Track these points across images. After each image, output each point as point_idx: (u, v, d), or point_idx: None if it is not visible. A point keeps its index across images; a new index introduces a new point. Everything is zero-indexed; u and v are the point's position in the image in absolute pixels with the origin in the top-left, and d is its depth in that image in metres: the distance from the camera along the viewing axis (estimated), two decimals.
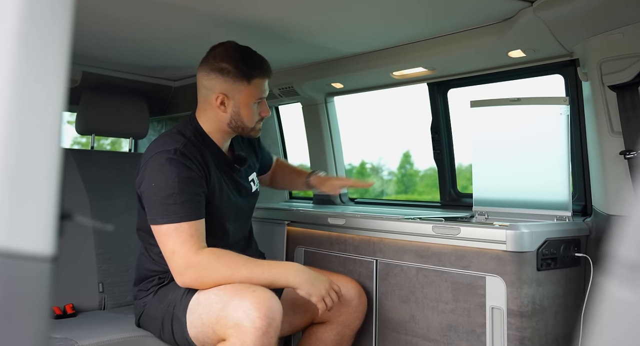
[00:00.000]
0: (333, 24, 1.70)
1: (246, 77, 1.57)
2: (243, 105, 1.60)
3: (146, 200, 1.54)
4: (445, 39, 1.77)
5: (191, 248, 1.46)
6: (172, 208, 1.47)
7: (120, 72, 2.45)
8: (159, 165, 1.50)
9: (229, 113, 1.61)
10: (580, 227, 1.62)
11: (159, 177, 1.50)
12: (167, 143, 1.55)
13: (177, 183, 1.48)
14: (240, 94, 1.59)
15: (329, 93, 2.47)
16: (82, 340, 1.54)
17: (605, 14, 1.40)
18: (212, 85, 1.59)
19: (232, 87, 1.58)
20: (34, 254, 0.44)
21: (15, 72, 0.46)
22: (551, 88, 1.92)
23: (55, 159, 0.47)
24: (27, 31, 0.46)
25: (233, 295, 1.39)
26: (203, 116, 1.66)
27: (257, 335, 1.32)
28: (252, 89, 1.59)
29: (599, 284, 0.34)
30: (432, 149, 2.21)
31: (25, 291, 0.45)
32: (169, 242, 1.47)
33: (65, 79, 0.49)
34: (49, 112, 0.48)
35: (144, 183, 1.54)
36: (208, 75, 1.60)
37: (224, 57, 1.58)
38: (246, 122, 1.63)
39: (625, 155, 1.45)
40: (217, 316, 1.39)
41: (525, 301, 1.43)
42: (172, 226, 1.47)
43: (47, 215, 0.45)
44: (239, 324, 1.33)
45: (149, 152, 1.57)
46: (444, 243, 1.59)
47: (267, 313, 1.34)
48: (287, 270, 1.51)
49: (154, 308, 1.61)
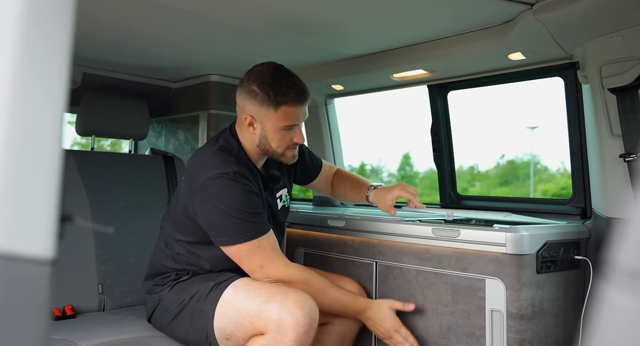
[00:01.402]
0: (333, 25, 1.70)
1: (273, 104, 1.53)
2: (270, 130, 1.57)
3: (212, 224, 1.52)
4: (446, 41, 1.77)
5: (280, 261, 1.54)
6: (250, 225, 1.50)
7: (121, 73, 2.45)
8: (223, 189, 1.49)
9: (258, 136, 1.59)
10: (580, 229, 1.62)
11: (227, 200, 1.48)
12: (221, 165, 1.52)
13: (247, 201, 1.50)
14: (267, 120, 1.56)
15: (329, 95, 2.47)
16: (82, 341, 1.54)
17: (605, 17, 1.40)
18: (243, 105, 1.58)
19: (259, 110, 1.55)
20: (34, 257, 0.44)
21: (17, 74, 0.46)
22: (551, 91, 1.93)
23: (56, 161, 0.47)
24: (28, 33, 0.46)
25: (276, 292, 1.42)
26: (240, 132, 1.65)
27: (300, 332, 1.35)
28: (279, 116, 1.54)
29: (599, 288, 0.34)
30: (432, 151, 2.21)
31: (25, 294, 0.44)
32: (254, 259, 1.51)
33: (67, 81, 0.50)
34: (50, 114, 0.48)
35: (202, 207, 1.52)
36: (241, 94, 1.59)
37: (255, 79, 1.55)
38: (274, 146, 1.60)
39: (625, 158, 1.45)
40: (257, 309, 1.40)
41: (525, 304, 1.43)
42: (254, 243, 1.50)
43: (47, 218, 0.46)
44: (282, 319, 1.36)
45: (199, 174, 1.53)
46: (444, 245, 1.59)
47: (310, 313, 1.38)
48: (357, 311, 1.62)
49: (170, 301, 1.61)
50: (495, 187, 23.58)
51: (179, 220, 1.63)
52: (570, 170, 1.82)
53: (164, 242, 1.70)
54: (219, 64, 2.30)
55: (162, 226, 1.73)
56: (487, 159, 31.96)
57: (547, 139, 26.14)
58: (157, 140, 2.80)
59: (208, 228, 1.54)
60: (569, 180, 1.89)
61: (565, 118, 1.82)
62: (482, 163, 26.71)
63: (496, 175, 24.97)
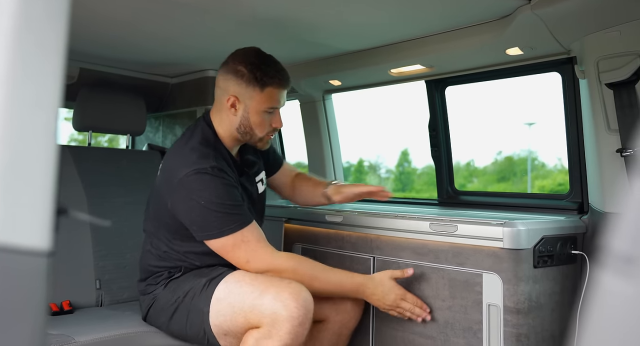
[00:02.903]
0: (331, 21, 1.70)
1: (259, 84, 1.55)
2: (253, 112, 1.58)
3: (194, 220, 1.52)
4: (443, 36, 1.77)
5: (266, 252, 1.52)
6: (232, 218, 1.50)
7: (118, 68, 2.44)
8: (202, 184, 1.49)
9: (239, 117, 1.59)
10: (577, 224, 1.62)
11: (207, 194, 1.48)
12: (198, 160, 1.52)
13: (227, 194, 1.50)
14: (251, 100, 1.57)
15: (326, 90, 2.47)
16: (79, 336, 1.54)
17: (602, 11, 1.40)
18: (226, 86, 1.58)
19: (244, 91, 1.56)
20: (30, 249, 0.44)
21: (12, 69, 0.46)
22: (548, 87, 1.93)
23: (51, 154, 0.47)
24: (23, 28, 0.46)
25: (269, 286, 1.41)
26: (217, 117, 1.64)
27: (294, 324, 1.35)
28: (264, 97, 1.57)
29: (595, 280, 0.34)
30: (430, 147, 2.21)
31: (22, 287, 0.45)
32: (239, 252, 1.51)
33: (62, 76, 0.49)
34: (45, 108, 0.48)
35: (183, 203, 1.51)
36: (224, 75, 1.59)
37: (242, 60, 1.57)
38: (255, 130, 1.61)
39: (621, 153, 1.46)
40: (252, 305, 1.40)
41: (522, 298, 1.44)
42: (238, 236, 1.49)
43: (43, 210, 0.45)
44: (276, 312, 1.36)
45: (177, 170, 1.52)
46: (441, 240, 1.59)
47: (304, 304, 1.37)
48: (356, 288, 1.58)
49: (165, 299, 1.61)
50: (492, 183, 23.64)
51: (160, 219, 1.62)
52: (567, 165, 1.82)
53: (149, 243, 1.68)
54: (217, 60, 2.28)
55: (145, 228, 1.72)
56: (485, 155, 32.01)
57: (544, 135, 26.20)
58: (155, 136, 2.80)
59: (190, 224, 1.53)
60: (565, 176, 1.89)
61: (563, 113, 1.83)
62: (480, 159, 26.78)
63: (493, 171, 25.03)
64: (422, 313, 1.58)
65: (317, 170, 2.58)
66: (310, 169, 2.62)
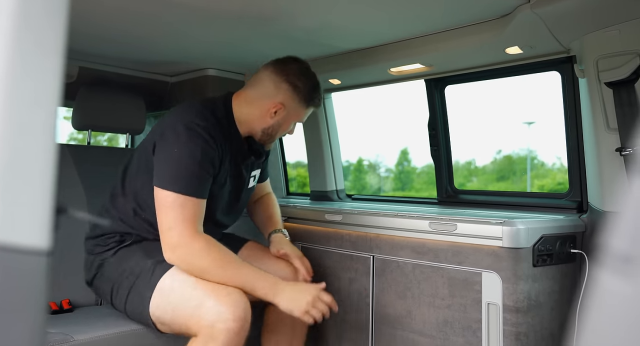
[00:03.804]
0: (330, 19, 1.70)
1: (307, 102, 1.69)
2: (287, 122, 1.70)
3: (161, 161, 1.54)
4: (443, 35, 1.77)
5: (189, 229, 1.47)
6: (187, 179, 1.49)
7: (117, 67, 2.44)
8: (187, 135, 1.51)
9: (274, 122, 1.68)
10: (576, 223, 1.62)
11: (184, 145, 1.51)
12: (197, 116, 1.55)
13: (200, 157, 1.50)
14: (294, 112, 1.69)
15: (326, 89, 2.46)
16: (78, 335, 1.54)
17: (602, 11, 1.40)
18: (278, 93, 1.65)
19: (294, 104, 1.67)
20: (29, 248, 0.44)
21: (11, 67, 0.46)
22: (548, 86, 1.93)
23: (50, 153, 0.47)
24: (22, 26, 0.46)
25: (210, 295, 1.43)
26: (244, 106, 1.67)
27: (230, 336, 1.39)
28: (304, 112, 1.72)
29: (594, 278, 0.34)
30: (429, 145, 2.21)
31: (22, 286, 0.44)
32: (170, 214, 1.48)
33: (61, 74, 0.49)
34: (44, 107, 0.48)
35: (164, 143, 1.54)
36: (280, 83, 1.64)
37: (301, 77, 1.66)
38: (279, 133, 1.73)
39: (621, 151, 1.46)
40: (191, 314, 1.43)
41: (521, 297, 1.44)
42: (179, 197, 1.47)
43: (42, 209, 0.45)
44: (213, 325, 1.39)
45: (176, 115, 1.58)
46: (441, 239, 1.60)
47: (241, 315, 1.40)
48: (269, 285, 1.50)
49: (112, 269, 1.62)
50: (492, 182, 23.65)
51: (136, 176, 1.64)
52: (567, 164, 1.82)
53: (112, 205, 1.70)
54: (216, 59, 2.29)
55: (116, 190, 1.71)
56: (484, 154, 32.03)
57: (543, 135, 26.21)
58: None
59: (156, 164, 1.55)
60: (565, 176, 1.90)
61: (562, 112, 1.83)
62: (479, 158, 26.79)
63: (493, 171, 25.03)
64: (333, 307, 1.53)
65: (317, 169, 2.58)
66: (310, 168, 2.62)
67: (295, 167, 4.88)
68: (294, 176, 4.31)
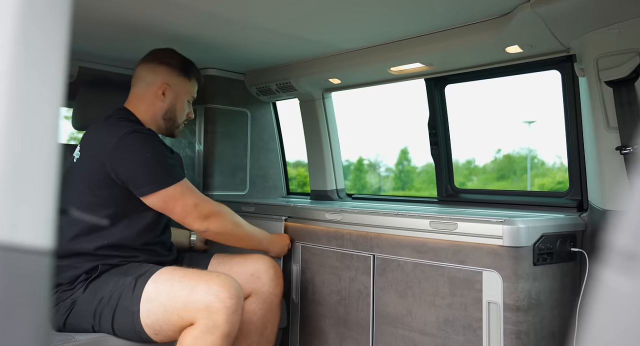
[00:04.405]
0: (330, 19, 1.70)
1: (188, 74, 1.82)
2: (179, 100, 1.81)
3: (139, 173, 1.57)
4: (443, 34, 1.77)
5: (209, 200, 1.67)
6: (172, 170, 1.62)
7: (117, 67, 2.44)
8: (143, 141, 1.59)
9: (167, 104, 1.78)
10: (576, 222, 1.63)
11: (149, 147, 1.59)
12: (132, 126, 1.62)
13: (166, 152, 1.65)
14: (180, 87, 1.80)
15: (326, 88, 2.47)
16: (79, 335, 1.54)
17: (602, 10, 1.40)
18: (157, 75, 1.77)
19: (176, 79, 1.79)
20: (33, 247, 0.44)
21: (13, 67, 0.46)
22: (548, 86, 1.94)
23: (54, 152, 0.47)
24: (25, 26, 0.46)
25: (199, 280, 1.46)
26: (139, 105, 1.77)
27: (229, 313, 1.41)
28: (190, 86, 1.84)
29: (595, 277, 0.35)
30: (429, 145, 2.22)
31: (25, 286, 0.45)
32: (186, 199, 1.61)
33: (64, 74, 0.50)
34: (48, 105, 0.48)
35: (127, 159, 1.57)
36: (154, 68, 1.78)
37: (170, 55, 1.81)
38: (178, 116, 1.82)
39: (621, 150, 1.46)
40: (184, 302, 1.43)
41: (522, 296, 1.44)
42: (180, 184, 1.60)
43: (45, 209, 0.46)
44: (209, 305, 1.40)
45: (110, 136, 1.59)
46: (441, 238, 1.60)
47: (236, 293, 1.45)
48: (267, 239, 1.89)
49: (86, 303, 1.53)
50: (492, 182, 23.65)
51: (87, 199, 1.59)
52: (567, 163, 1.82)
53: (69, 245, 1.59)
54: (217, 58, 2.29)
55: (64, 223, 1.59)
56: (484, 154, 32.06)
57: (543, 134, 26.21)
58: None
59: (134, 179, 1.56)
60: (565, 174, 1.90)
61: (562, 111, 1.83)
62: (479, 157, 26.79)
63: (493, 170, 25.03)
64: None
65: (317, 169, 2.58)
66: (310, 167, 2.62)
67: (296, 167, 4.88)
68: (294, 175, 4.31)
